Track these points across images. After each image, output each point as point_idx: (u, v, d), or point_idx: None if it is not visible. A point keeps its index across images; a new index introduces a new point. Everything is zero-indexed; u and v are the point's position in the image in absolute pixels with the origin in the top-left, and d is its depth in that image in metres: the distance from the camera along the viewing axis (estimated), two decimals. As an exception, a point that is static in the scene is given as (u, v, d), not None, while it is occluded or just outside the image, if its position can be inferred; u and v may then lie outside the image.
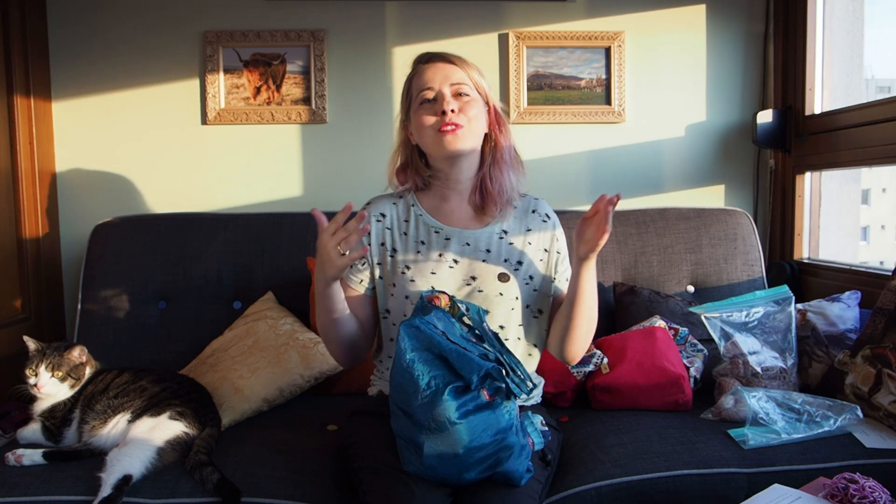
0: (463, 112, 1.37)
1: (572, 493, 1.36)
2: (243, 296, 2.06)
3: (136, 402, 1.49)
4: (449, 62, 1.39)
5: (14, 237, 2.07)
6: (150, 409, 1.48)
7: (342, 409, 1.61)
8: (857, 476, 1.20)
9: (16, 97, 2.06)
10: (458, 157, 1.40)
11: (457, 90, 1.37)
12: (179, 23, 2.29)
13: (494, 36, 2.37)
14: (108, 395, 1.52)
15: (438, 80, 1.37)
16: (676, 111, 2.44)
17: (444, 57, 1.40)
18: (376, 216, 1.45)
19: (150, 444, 1.39)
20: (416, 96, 1.39)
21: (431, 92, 1.37)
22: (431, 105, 1.38)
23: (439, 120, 1.36)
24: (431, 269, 1.39)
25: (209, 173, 2.33)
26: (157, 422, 1.45)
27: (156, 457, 1.38)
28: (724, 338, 1.72)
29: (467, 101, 1.38)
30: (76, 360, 1.57)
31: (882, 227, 13.10)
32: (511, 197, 1.43)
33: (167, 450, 1.40)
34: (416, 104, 1.39)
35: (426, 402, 1.15)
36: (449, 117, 1.35)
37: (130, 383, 1.55)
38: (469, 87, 1.39)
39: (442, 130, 1.35)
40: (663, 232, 2.16)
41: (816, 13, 2.29)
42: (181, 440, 1.43)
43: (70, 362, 1.55)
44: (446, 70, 1.38)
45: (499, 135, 1.43)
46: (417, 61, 1.44)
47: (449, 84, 1.37)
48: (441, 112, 1.36)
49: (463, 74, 1.39)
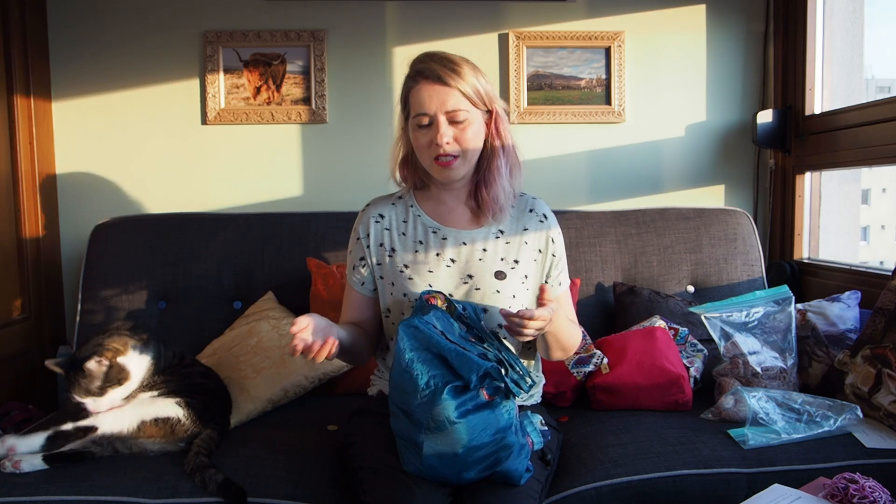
0: (458, 139, 1.34)
1: (572, 493, 1.36)
2: (243, 296, 2.06)
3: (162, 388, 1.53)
4: (444, 84, 1.32)
5: (14, 237, 2.07)
6: (167, 392, 1.51)
7: (342, 409, 1.61)
8: (857, 476, 1.20)
9: (16, 97, 2.06)
10: (453, 181, 1.41)
11: (452, 117, 1.33)
12: (179, 23, 2.29)
13: (494, 36, 2.37)
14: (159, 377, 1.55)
15: (434, 106, 1.32)
16: (676, 111, 2.44)
17: (440, 77, 1.32)
18: (375, 217, 1.46)
19: (136, 412, 1.44)
20: (413, 115, 1.36)
21: (426, 118, 1.33)
22: (427, 130, 1.35)
23: (434, 148, 1.34)
24: (429, 267, 1.40)
25: (209, 173, 2.33)
26: (158, 400, 1.48)
27: (135, 427, 1.41)
28: (724, 338, 1.72)
29: (463, 126, 1.34)
30: (97, 370, 1.45)
31: (882, 227, 13.10)
32: (504, 205, 1.42)
33: (149, 423, 1.43)
34: (412, 120, 1.36)
35: (425, 401, 1.15)
36: (443, 150, 1.33)
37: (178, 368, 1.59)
38: (465, 109, 1.33)
39: (437, 162, 1.35)
40: (663, 232, 2.16)
41: (816, 13, 2.29)
42: (170, 421, 1.45)
43: (94, 377, 1.45)
44: (441, 95, 1.32)
45: (496, 140, 1.40)
46: (415, 72, 1.36)
47: (444, 112, 1.32)
48: (436, 143, 1.33)
49: (458, 98, 1.33)
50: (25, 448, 1.40)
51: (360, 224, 1.47)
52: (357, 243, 1.46)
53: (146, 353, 1.54)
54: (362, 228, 1.46)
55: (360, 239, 1.45)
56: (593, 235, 2.14)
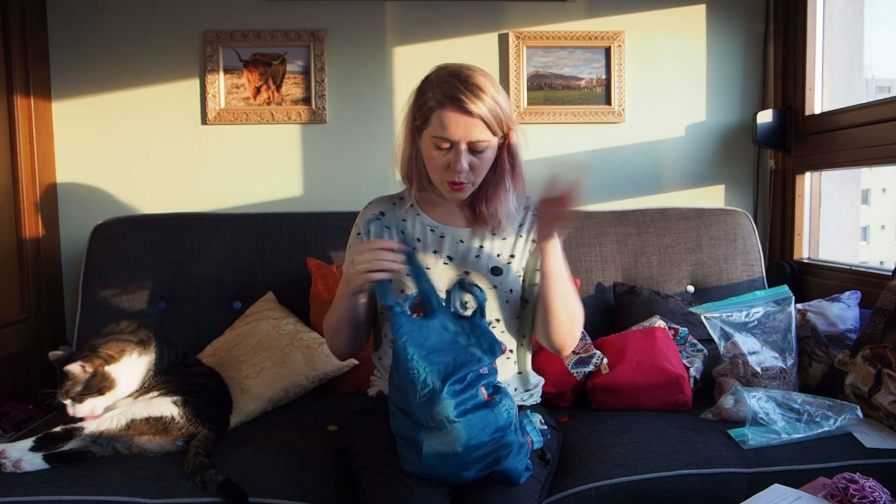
0: (474, 167, 1.35)
1: (572, 493, 1.36)
2: (243, 296, 2.06)
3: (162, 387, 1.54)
4: (470, 115, 1.31)
5: (14, 237, 2.07)
6: (166, 392, 1.51)
7: (342, 409, 1.61)
8: (857, 476, 1.20)
9: (16, 97, 2.06)
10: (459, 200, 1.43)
11: (473, 147, 1.33)
12: (179, 23, 2.29)
13: (494, 36, 2.37)
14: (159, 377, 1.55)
15: (459, 135, 1.31)
16: (676, 111, 2.44)
17: (467, 108, 1.30)
18: (375, 214, 1.48)
19: (126, 410, 1.44)
20: (433, 134, 1.34)
21: (448, 143, 1.33)
22: (445, 153, 1.34)
23: (450, 173, 1.35)
24: (427, 264, 1.41)
25: (209, 173, 2.33)
26: (154, 399, 1.48)
27: (124, 425, 1.41)
28: (723, 338, 1.72)
29: (481, 155, 1.35)
30: (80, 375, 1.43)
31: (882, 227, 13.12)
32: (504, 222, 1.43)
33: (139, 421, 1.43)
34: (431, 139, 1.35)
35: (424, 400, 1.15)
36: (458, 177, 1.34)
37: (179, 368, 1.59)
38: (486, 140, 1.33)
39: (449, 184, 1.36)
40: (663, 232, 2.16)
41: (816, 13, 2.29)
42: (162, 420, 1.44)
43: (75, 381, 1.43)
44: (468, 126, 1.31)
45: (505, 163, 1.40)
46: (443, 95, 1.32)
47: (467, 141, 1.32)
48: (453, 169, 1.34)
49: (481, 129, 1.32)
50: (16, 453, 1.38)
51: (360, 221, 1.49)
52: (356, 239, 1.49)
53: (146, 355, 1.53)
54: (363, 225, 1.48)
55: (360, 234, 1.48)
56: (593, 235, 2.14)
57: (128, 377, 1.50)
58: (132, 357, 1.51)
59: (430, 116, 1.34)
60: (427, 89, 1.36)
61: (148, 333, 1.58)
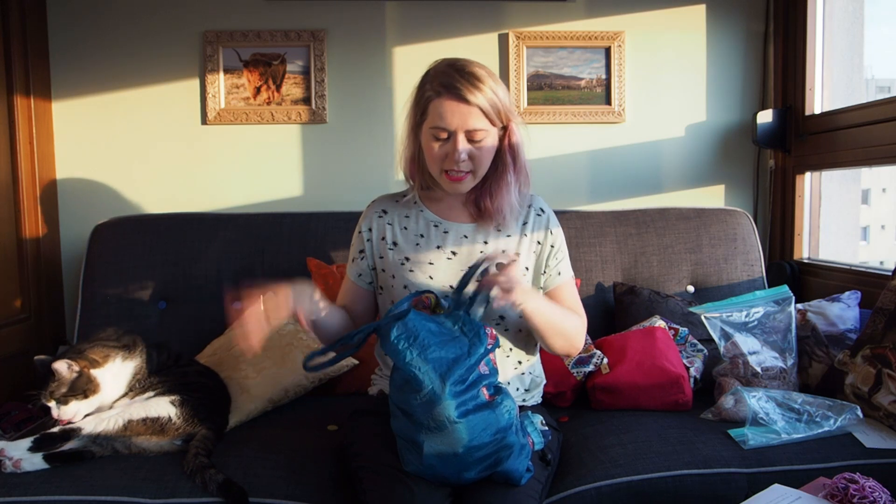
0: (473, 157, 1.35)
1: (572, 493, 1.36)
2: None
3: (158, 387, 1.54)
4: (467, 102, 1.31)
5: (14, 237, 2.07)
6: (163, 392, 1.51)
7: (342, 409, 1.61)
8: (857, 476, 1.20)
9: (16, 97, 2.06)
10: (460, 193, 1.43)
11: (471, 136, 1.33)
12: (179, 23, 2.29)
13: (494, 36, 2.37)
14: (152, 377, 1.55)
15: (455, 123, 1.32)
16: (676, 111, 2.44)
17: (464, 96, 1.31)
18: (378, 212, 1.49)
19: (123, 411, 1.44)
20: (430, 125, 1.35)
21: (445, 133, 1.33)
22: (443, 143, 1.34)
23: (449, 163, 1.35)
24: (430, 259, 1.42)
25: (209, 173, 2.33)
26: (151, 400, 1.48)
27: (121, 425, 1.41)
28: (724, 338, 1.72)
29: (480, 144, 1.35)
30: (66, 375, 1.44)
31: (882, 227, 13.12)
32: (508, 217, 1.43)
33: (136, 422, 1.42)
34: (429, 130, 1.35)
35: (425, 401, 1.15)
36: (457, 167, 1.34)
37: (173, 368, 1.60)
38: (484, 129, 1.33)
39: (447, 175, 1.36)
40: (663, 232, 2.16)
41: (816, 13, 2.29)
42: (159, 420, 1.44)
43: (61, 382, 1.43)
44: (464, 114, 1.31)
45: (507, 156, 1.40)
46: (439, 84, 1.33)
47: (465, 130, 1.32)
48: (451, 158, 1.34)
49: (478, 117, 1.32)
50: (15, 452, 1.37)
51: (363, 219, 1.50)
52: (359, 236, 1.50)
53: (130, 360, 1.54)
54: (365, 223, 1.49)
55: (362, 232, 1.49)
56: (593, 235, 2.14)
57: (112, 382, 1.50)
58: (116, 362, 1.52)
59: (428, 107, 1.34)
60: (426, 82, 1.37)
61: (133, 339, 1.59)
